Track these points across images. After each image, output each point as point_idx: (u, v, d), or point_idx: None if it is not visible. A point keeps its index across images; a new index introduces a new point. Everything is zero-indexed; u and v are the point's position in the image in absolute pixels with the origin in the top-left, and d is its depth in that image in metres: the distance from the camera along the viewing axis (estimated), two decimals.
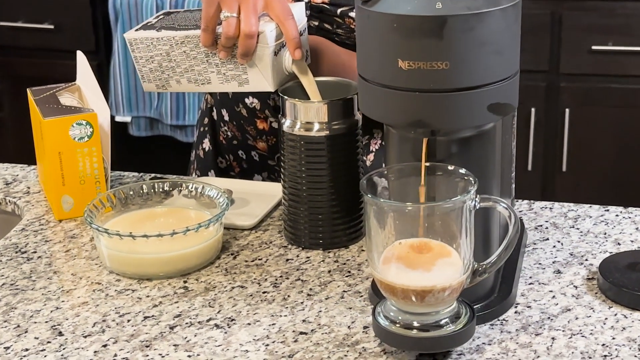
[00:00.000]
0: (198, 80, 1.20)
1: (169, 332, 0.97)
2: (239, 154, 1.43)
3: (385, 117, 0.91)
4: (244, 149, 1.42)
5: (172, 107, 2.98)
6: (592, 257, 1.08)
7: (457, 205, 0.87)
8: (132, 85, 3.03)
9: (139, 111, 3.05)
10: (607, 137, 2.65)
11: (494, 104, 0.88)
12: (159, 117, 3.01)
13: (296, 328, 0.97)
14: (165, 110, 2.98)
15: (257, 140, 1.39)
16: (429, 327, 0.89)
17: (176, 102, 2.99)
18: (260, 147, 1.40)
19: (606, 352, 0.90)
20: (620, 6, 2.54)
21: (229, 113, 1.42)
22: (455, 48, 0.84)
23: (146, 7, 2.91)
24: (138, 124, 3.07)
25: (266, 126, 1.37)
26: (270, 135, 1.38)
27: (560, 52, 2.61)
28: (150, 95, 3.00)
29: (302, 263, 1.11)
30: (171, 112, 2.98)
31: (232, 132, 1.43)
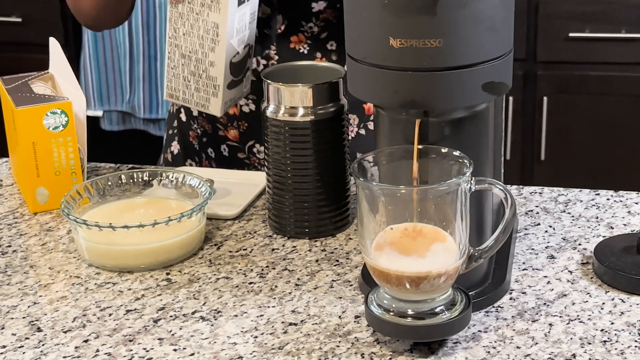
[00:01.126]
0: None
1: (153, 325, 0.93)
2: (209, 152, 1.40)
3: (376, 98, 0.88)
4: (214, 145, 1.39)
5: (144, 100, 2.93)
6: (585, 242, 1.06)
7: (452, 188, 0.84)
8: (102, 79, 2.98)
9: (110, 105, 3.00)
10: (585, 124, 2.64)
11: (489, 83, 0.85)
12: (131, 111, 2.96)
13: (285, 319, 0.93)
14: (138, 103, 2.93)
15: (229, 127, 1.36)
16: (423, 315, 0.86)
17: (149, 95, 2.94)
18: (231, 135, 1.36)
19: (605, 337, 0.87)
20: None
21: None
22: (449, 25, 0.81)
23: None
24: (110, 118, 3.02)
25: (237, 111, 1.34)
26: (241, 121, 1.34)
27: (537, 40, 2.60)
28: (122, 89, 2.95)
29: (289, 252, 1.07)
30: (144, 106, 2.93)
31: (203, 127, 1.39)
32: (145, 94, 2.94)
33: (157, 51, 2.89)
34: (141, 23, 2.86)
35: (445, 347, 0.87)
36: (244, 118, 1.34)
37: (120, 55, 2.94)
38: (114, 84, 3.00)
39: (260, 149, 1.36)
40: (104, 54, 2.96)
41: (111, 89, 3.00)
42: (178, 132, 1.44)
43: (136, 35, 2.88)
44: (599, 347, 0.86)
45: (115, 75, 2.98)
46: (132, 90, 2.96)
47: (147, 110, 2.96)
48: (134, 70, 2.94)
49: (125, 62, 2.93)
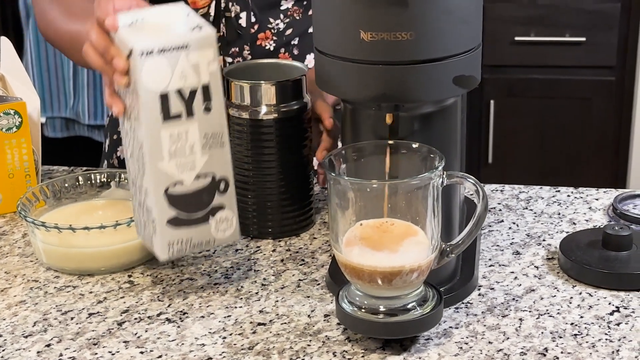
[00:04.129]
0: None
1: (117, 328, 0.90)
2: None
3: (346, 93, 0.87)
4: None
5: (89, 106, 2.88)
6: (549, 237, 1.06)
7: (424, 182, 0.83)
8: (45, 85, 2.91)
9: (53, 111, 2.93)
10: (530, 127, 2.67)
11: (460, 77, 0.85)
12: (76, 117, 2.90)
13: (253, 319, 0.92)
14: (82, 109, 2.88)
15: None
16: (396, 311, 0.85)
17: (93, 102, 2.88)
18: None
19: (576, 330, 0.88)
20: None
21: None
22: (420, 17, 0.80)
23: None
24: (53, 125, 2.96)
25: None
26: None
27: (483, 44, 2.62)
28: (66, 95, 2.89)
29: (253, 253, 1.06)
30: (88, 112, 2.88)
31: None
32: (90, 101, 2.89)
33: None
34: None
35: (418, 344, 0.87)
36: None
37: (63, 61, 2.88)
38: (58, 90, 2.94)
39: None
40: (47, 59, 2.90)
41: (54, 95, 2.94)
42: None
43: None
44: (570, 340, 0.86)
45: (59, 81, 2.92)
46: (76, 96, 2.91)
47: (92, 117, 2.91)
48: (78, 77, 2.88)
49: (68, 68, 2.87)
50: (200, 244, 0.92)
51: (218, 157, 0.90)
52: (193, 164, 0.89)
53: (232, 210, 0.92)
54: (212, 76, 0.87)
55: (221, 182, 0.91)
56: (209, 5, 1.24)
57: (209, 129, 0.89)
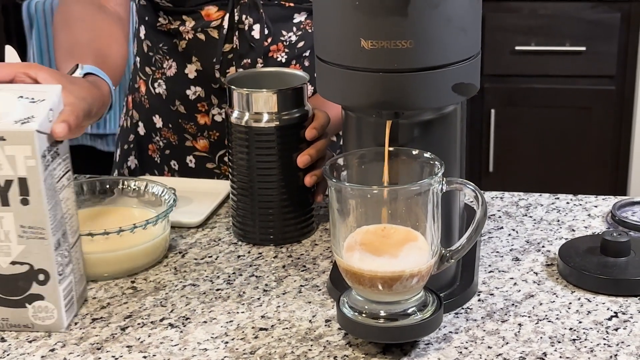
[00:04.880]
0: None
1: (121, 333, 0.91)
2: (172, 165, 1.38)
3: (347, 100, 0.88)
4: (179, 156, 1.37)
5: None
6: (548, 244, 1.07)
7: (424, 188, 0.84)
8: None
9: None
10: (531, 136, 2.68)
11: (459, 84, 0.86)
12: None
13: (255, 324, 0.93)
14: None
15: (198, 138, 1.35)
16: (396, 316, 0.86)
17: None
18: (200, 146, 1.35)
19: (574, 335, 0.89)
20: (542, 7, 2.58)
21: (162, 117, 1.37)
22: (419, 26, 0.82)
23: None
24: None
25: (208, 120, 1.33)
26: (212, 130, 1.33)
27: (484, 53, 2.64)
28: None
29: (255, 259, 1.07)
30: None
31: (167, 139, 1.37)
32: None
33: None
34: None
35: (418, 349, 0.88)
36: (216, 127, 1.33)
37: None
38: None
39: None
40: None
41: None
42: (135, 147, 1.42)
43: None
44: (568, 345, 0.87)
45: None
46: None
47: (95, 126, 2.92)
48: None
49: None
50: (18, 325, 0.91)
51: (38, 249, 0.88)
52: (8, 249, 0.88)
53: (53, 302, 0.90)
54: (29, 171, 0.86)
55: (40, 273, 0.89)
56: (223, 17, 1.25)
57: (27, 221, 0.87)
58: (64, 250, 0.91)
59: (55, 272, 0.90)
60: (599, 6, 2.54)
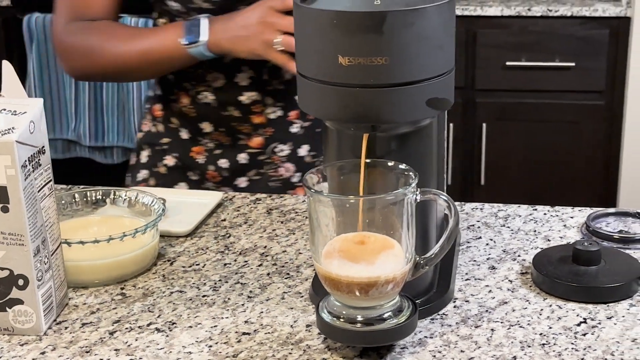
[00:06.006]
0: None
1: (109, 337, 0.95)
2: (219, 164, 1.42)
3: (326, 114, 0.92)
4: (230, 155, 1.42)
5: (90, 128, 2.94)
6: (524, 253, 1.11)
7: (398, 198, 0.88)
8: (48, 107, 2.98)
9: (55, 133, 2.99)
10: (521, 149, 2.72)
11: (433, 99, 0.90)
12: (77, 139, 2.97)
13: (239, 329, 0.96)
14: (84, 131, 2.94)
15: (253, 136, 1.40)
16: (372, 321, 0.90)
17: (94, 124, 2.94)
18: (255, 143, 1.41)
19: (544, 340, 0.92)
20: (532, 23, 2.63)
21: (213, 123, 1.41)
22: (394, 43, 0.86)
23: None
24: (55, 146, 3.02)
25: (264, 119, 1.39)
26: (266, 128, 1.40)
27: (475, 68, 2.69)
28: (67, 117, 2.95)
29: (241, 267, 1.10)
30: (89, 134, 2.94)
31: (217, 141, 1.42)
32: (91, 123, 2.95)
33: None
34: None
35: (394, 352, 0.91)
36: (271, 125, 1.39)
37: (65, 84, 2.94)
38: (60, 112, 3.00)
39: (282, 147, 1.41)
40: (49, 83, 2.96)
41: (56, 117, 3.00)
42: (174, 148, 1.46)
43: None
44: (538, 349, 0.91)
45: (61, 104, 2.99)
46: (77, 118, 2.97)
47: (93, 139, 2.97)
48: (79, 99, 2.94)
49: (70, 91, 2.94)
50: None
51: (17, 255, 0.92)
52: None
53: (32, 307, 0.94)
54: (9, 180, 0.90)
55: (19, 278, 0.93)
56: None
57: (6, 228, 0.91)
58: (44, 257, 0.95)
59: (34, 277, 0.93)
60: (587, 23, 2.59)
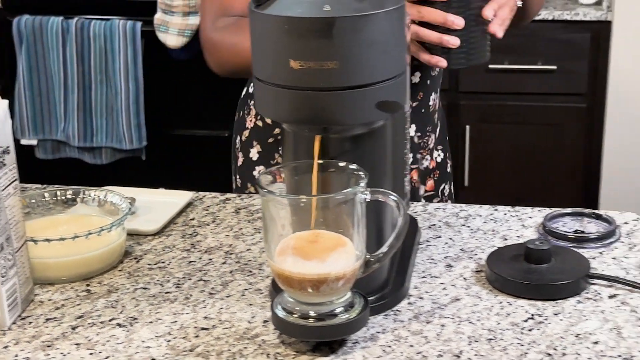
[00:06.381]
0: None
1: (71, 332, 0.98)
2: None
3: (280, 116, 0.95)
4: None
5: (79, 129, 2.97)
6: (480, 252, 1.14)
7: (348, 197, 0.91)
8: (37, 108, 3.01)
9: (45, 134, 3.02)
10: (504, 151, 2.75)
11: (383, 102, 0.92)
12: (66, 140, 2.99)
13: (197, 324, 0.99)
14: (73, 132, 2.97)
15: None
16: (324, 316, 0.93)
17: (83, 125, 2.97)
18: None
19: (491, 335, 0.95)
20: None
21: None
22: (343, 48, 0.89)
23: (51, 29, 2.90)
24: (44, 147, 3.05)
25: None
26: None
27: (459, 71, 2.71)
28: (57, 118, 2.98)
29: (205, 265, 1.13)
30: (78, 134, 2.97)
31: None
32: (80, 124, 2.98)
33: (91, 81, 2.94)
34: (75, 54, 2.90)
35: (345, 347, 0.94)
36: None
37: (54, 85, 2.97)
38: (49, 113, 3.03)
39: None
40: (39, 83, 2.99)
41: (46, 118, 3.03)
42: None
43: (70, 66, 2.93)
44: (484, 344, 0.94)
45: (50, 105, 3.02)
46: (66, 119, 3.00)
47: (82, 139, 2.99)
48: (68, 101, 2.97)
49: (60, 92, 2.97)
50: None
51: None
52: None
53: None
54: None
55: None
56: None
57: None
58: (8, 254, 0.98)
59: None
60: (569, 27, 2.62)
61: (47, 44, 2.95)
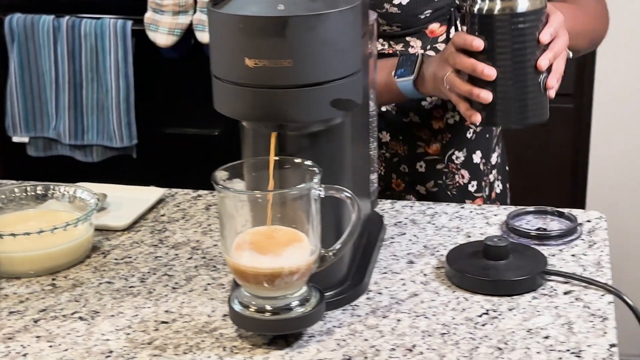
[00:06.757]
0: None
1: (33, 325, 1.00)
2: (401, 169, 1.41)
3: (237, 113, 0.96)
4: (409, 162, 1.41)
5: (70, 127, 2.98)
6: (443, 249, 1.15)
7: (302, 192, 0.92)
8: (29, 106, 3.02)
9: (36, 132, 3.04)
10: None
11: (337, 100, 0.94)
12: (57, 138, 3.01)
13: (158, 318, 1.01)
14: (64, 129, 2.98)
15: (431, 142, 1.39)
16: (279, 310, 0.94)
17: (74, 122, 2.99)
18: (432, 150, 1.39)
19: (445, 330, 0.97)
20: None
21: (391, 132, 1.40)
22: (297, 47, 0.90)
23: (42, 28, 2.92)
24: (36, 145, 3.06)
25: (442, 124, 1.37)
26: (445, 133, 1.38)
27: None
28: (49, 115, 3.00)
29: (171, 260, 1.15)
30: (69, 132, 2.98)
31: (394, 150, 1.40)
32: (71, 121, 2.99)
33: (82, 80, 2.95)
34: (67, 52, 2.92)
35: (301, 340, 0.96)
36: (449, 130, 1.38)
37: (46, 83, 2.99)
38: (41, 111, 3.04)
39: (458, 154, 1.40)
40: (30, 82, 3.01)
41: (37, 116, 3.04)
42: None
43: (62, 64, 2.94)
44: (437, 338, 0.95)
45: (42, 103, 3.03)
46: (57, 117, 3.01)
47: (73, 137, 3.01)
48: (60, 99, 2.99)
49: (51, 90, 2.98)
50: None
51: None
52: None
53: None
54: None
55: None
56: (447, 32, 1.30)
57: None
58: None
59: None
60: None
61: (39, 42, 2.96)
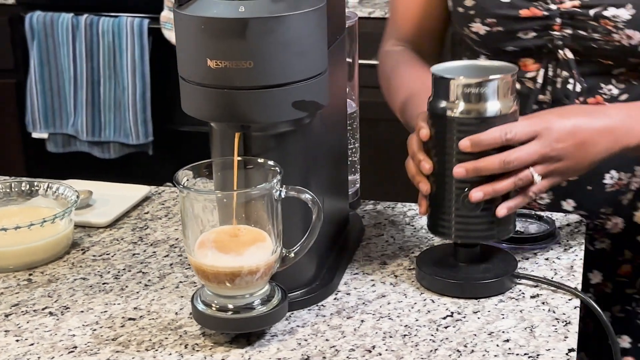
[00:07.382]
0: None
1: (3, 319, 1.02)
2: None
3: (201, 114, 0.97)
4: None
5: (87, 124, 3.02)
6: (418, 251, 1.15)
7: (263, 192, 0.93)
8: (48, 103, 3.07)
9: (55, 128, 3.08)
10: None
11: (300, 101, 0.94)
12: (76, 134, 3.05)
13: (126, 314, 1.02)
14: (82, 126, 3.02)
15: None
16: (241, 309, 0.95)
17: (92, 119, 3.03)
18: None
19: (407, 332, 0.97)
20: None
21: None
22: (257, 48, 0.91)
23: (61, 26, 2.96)
24: (55, 141, 3.11)
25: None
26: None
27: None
28: (67, 112, 3.04)
29: (148, 257, 1.16)
30: (87, 129, 3.02)
31: None
32: (88, 118, 3.03)
33: (100, 77, 2.99)
34: (85, 50, 2.96)
35: (262, 339, 0.96)
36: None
37: (65, 80, 3.03)
38: (60, 108, 3.09)
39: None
40: (50, 79, 3.05)
41: (56, 112, 3.09)
42: None
43: (80, 62, 2.98)
44: (398, 340, 0.95)
45: (61, 100, 3.08)
46: (76, 114, 3.05)
47: (90, 134, 3.05)
48: (78, 96, 3.03)
49: (70, 88, 3.02)
50: None
51: None
52: None
53: None
54: None
55: None
56: (538, 70, 1.25)
57: None
58: None
59: None
60: None
61: (58, 39, 3.01)
